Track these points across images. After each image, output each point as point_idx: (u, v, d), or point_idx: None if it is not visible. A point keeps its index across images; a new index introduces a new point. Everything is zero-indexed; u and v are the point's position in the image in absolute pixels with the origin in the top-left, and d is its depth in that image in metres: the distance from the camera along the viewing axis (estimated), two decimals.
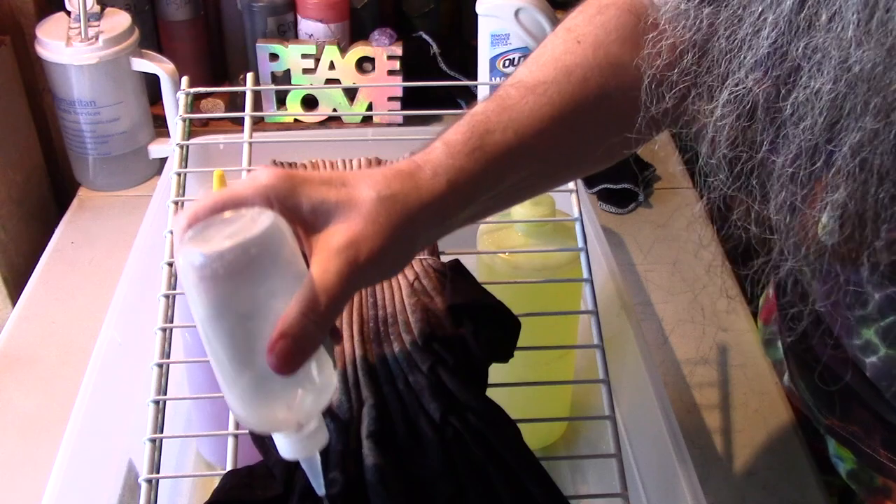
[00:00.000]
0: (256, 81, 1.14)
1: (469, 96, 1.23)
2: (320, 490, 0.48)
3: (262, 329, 0.44)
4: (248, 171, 0.70)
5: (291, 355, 0.43)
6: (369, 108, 1.21)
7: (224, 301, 0.44)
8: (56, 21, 1.09)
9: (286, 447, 0.46)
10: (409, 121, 1.20)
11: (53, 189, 1.22)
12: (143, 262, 0.77)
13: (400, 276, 0.61)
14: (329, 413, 0.54)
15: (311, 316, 0.44)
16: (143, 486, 0.55)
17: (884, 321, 0.58)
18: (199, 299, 0.44)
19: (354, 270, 0.46)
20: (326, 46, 1.18)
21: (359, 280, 0.47)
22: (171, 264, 0.65)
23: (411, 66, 1.20)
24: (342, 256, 0.46)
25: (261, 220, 0.44)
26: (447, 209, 0.50)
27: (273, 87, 1.20)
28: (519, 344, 0.59)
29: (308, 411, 0.46)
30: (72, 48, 1.05)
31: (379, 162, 0.70)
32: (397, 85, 1.22)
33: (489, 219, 0.74)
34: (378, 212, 0.47)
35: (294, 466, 0.51)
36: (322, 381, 0.46)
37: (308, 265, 0.46)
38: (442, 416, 0.53)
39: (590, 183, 1.16)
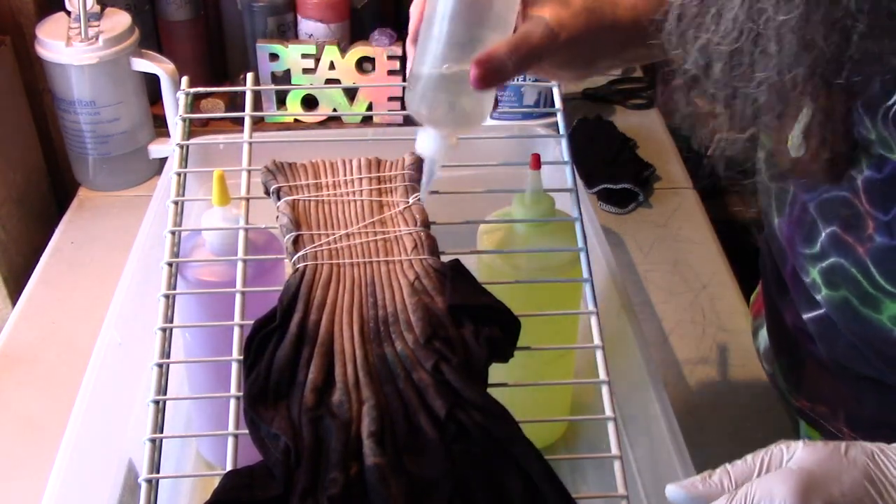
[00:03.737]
0: (256, 81, 1.14)
1: None
2: (424, 191, 0.62)
3: (470, 52, 0.56)
4: (248, 171, 0.70)
5: (488, 75, 0.56)
6: (369, 108, 1.21)
7: (459, 10, 0.56)
8: (56, 21, 1.09)
9: (427, 145, 0.59)
10: (409, 121, 1.20)
11: (53, 189, 1.22)
12: (143, 262, 0.77)
13: (400, 276, 0.61)
14: (329, 413, 0.54)
15: (514, 55, 0.57)
16: (143, 486, 0.55)
17: (825, 262, 0.61)
18: (443, 1, 0.57)
19: (552, 40, 0.59)
20: (326, 46, 1.18)
21: (551, 53, 0.59)
22: (171, 264, 0.65)
23: None
24: (548, 29, 0.59)
25: None
26: (628, 39, 0.62)
27: (273, 87, 1.21)
28: (519, 344, 0.59)
29: (461, 125, 0.59)
30: (72, 48, 1.05)
31: (379, 162, 0.70)
32: (397, 85, 1.22)
33: (489, 218, 0.74)
34: (582, 14, 0.60)
35: (294, 467, 0.51)
36: (482, 112, 0.59)
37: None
38: (447, 412, 0.53)
39: (590, 183, 1.16)
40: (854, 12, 0.46)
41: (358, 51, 1.18)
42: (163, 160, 1.12)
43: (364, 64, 1.20)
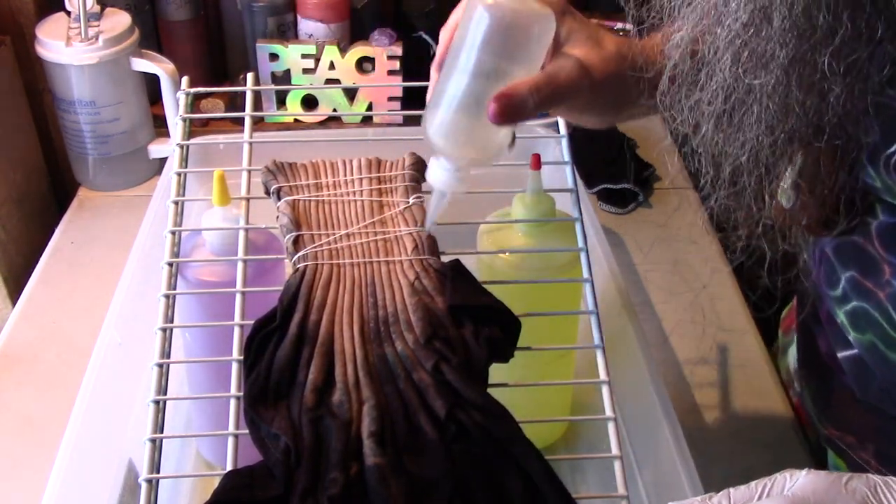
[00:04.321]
0: (256, 81, 1.14)
1: None
2: (430, 222, 0.62)
3: (495, 85, 0.56)
4: (249, 171, 0.70)
5: (508, 111, 0.55)
6: (369, 108, 1.21)
7: (489, 41, 0.55)
8: (56, 21, 1.08)
9: (438, 176, 0.58)
10: (409, 121, 1.20)
11: (53, 189, 1.22)
12: (143, 262, 0.77)
13: (400, 276, 0.61)
14: (329, 413, 0.54)
15: (535, 94, 0.56)
16: (143, 486, 0.55)
17: (848, 305, 0.59)
18: (474, 29, 0.55)
19: (579, 82, 0.59)
20: (326, 46, 1.18)
21: (574, 94, 0.59)
22: (171, 264, 0.65)
23: (411, 66, 1.20)
24: (577, 69, 0.59)
25: (545, 10, 0.57)
26: (655, 88, 0.60)
27: (273, 87, 1.21)
28: (519, 344, 0.59)
29: (476, 159, 0.58)
30: (72, 48, 1.05)
31: (379, 162, 0.70)
32: (397, 85, 1.22)
33: (489, 219, 0.74)
34: (614, 59, 0.60)
35: (294, 467, 0.51)
36: (499, 147, 0.59)
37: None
38: (448, 413, 0.53)
39: (590, 183, 1.16)
40: (829, 75, 0.46)
41: (358, 51, 1.18)
42: (163, 160, 1.12)
43: (364, 64, 1.20)
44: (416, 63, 1.22)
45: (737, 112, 0.52)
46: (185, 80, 0.76)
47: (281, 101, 1.23)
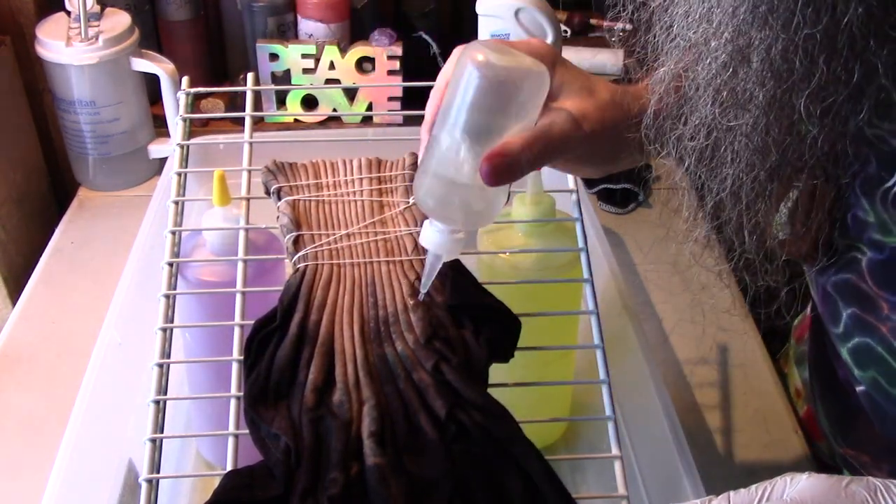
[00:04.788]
0: (256, 81, 1.14)
1: None
2: (425, 287, 0.58)
3: (486, 145, 0.54)
4: (249, 171, 0.70)
5: (500, 171, 0.53)
6: (369, 108, 1.21)
7: (479, 101, 0.53)
8: (56, 21, 1.08)
9: (432, 239, 0.56)
10: (409, 121, 1.20)
11: (53, 189, 1.22)
12: (143, 262, 0.77)
13: (401, 276, 0.61)
14: (329, 413, 0.54)
15: (528, 152, 0.54)
16: (143, 486, 0.55)
17: (850, 342, 0.59)
18: (464, 89, 0.53)
19: (573, 135, 0.57)
20: (326, 46, 1.18)
21: (570, 147, 0.58)
22: (171, 264, 0.65)
23: (411, 66, 1.20)
24: (570, 122, 0.57)
25: (538, 65, 0.55)
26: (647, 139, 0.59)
27: (273, 87, 1.20)
28: (519, 344, 0.59)
29: (471, 221, 0.56)
30: (72, 48, 1.05)
31: (379, 162, 0.70)
32: (397, 85, 1.22)
33: None
34: (609, 107, 0.59)
35: (294, 467, 0.51)
36: (496, 207, 0.56)
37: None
38: (448, 413, 0.53)
39: (590, 183, 1.16)
40: (806, 117, 0.46)
41: (358, 51, 1.18)
42: (163, 160, 1.12)
43: (364, 64, 1.20)
44: (416, 63, 1.22)
45: (717, 149, 0.51)
46: (185, 80, 0.76)
47: (281, 101, 1.23)
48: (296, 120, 1.23)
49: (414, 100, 1.19)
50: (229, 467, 0.55)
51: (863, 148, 0.50)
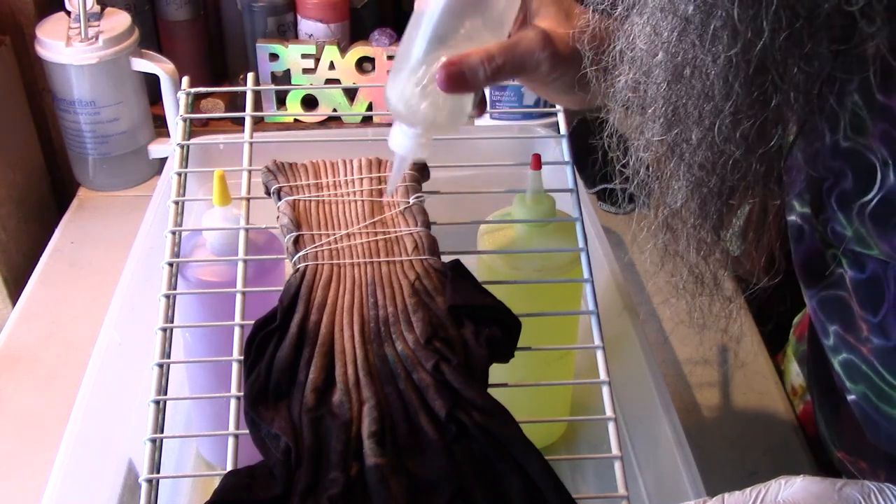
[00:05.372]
0: (256, 81, 1.14)
1: None
2: (388, 192, 0.61)
3: (451, 51, 0.54)
4: (249, 171, 0.70)
5: (456, 79, 0.53)
6: (369, 108, 1.21)
7: (450, 6, 0.54)
8: (56, 21, 1.08)
9: (399, 141, 0.57)
10: None
11: (53, 189, 1.22)
12: (143, 262, 0.77)
13: (401, 276, 0.61)
14: (329, 413, 0.54)
15: (487, 65, 0.54)
16: (143, 486, 0.55)
17: (839, 356, 0.59)
18: None
19: (540, 53, 0.57)
20: (326, 46, 1.18)
21: (532, 67, 0.57)
22: (171, 264, 0.65)
23: None
24: (539, 39, 0.57)
25: None
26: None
27: (273, 87, 1.20)
28: (519, 344, 0.59)
29: (435, 126, 0.57)
30: (72, 48, 1.05)
31: (379, 162, 0.70)
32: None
33: (489, 219, 0.74)
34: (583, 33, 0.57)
35: (294, 467, 0.51)
36: (459, 116, 0.57)
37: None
38: (448, 413, 0.53)
39: (590, 183, 1.16)
40: (725, 138, 0.47)
41: (358, 51, 1.18)
42: (163, 160, 1.12)
43: (364, 64, 1.20)
44: None
45: (666, 163, 0.52)
46: (185, 80, 0.76)
47: (281, 101, 1.23)
48: (296, 120, 1.23)
49: None
50: (229, 467, 0.55)
51: (836, 161, 0.50)
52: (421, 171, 0.69)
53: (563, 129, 0.75)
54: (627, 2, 0.51)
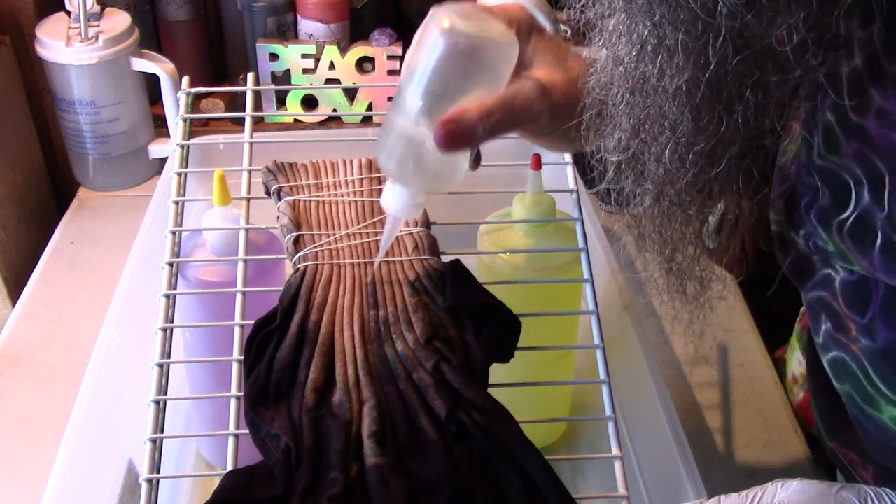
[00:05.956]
0: (256, 81, 1.14)
1: None
2: (381, 253, 0.58)
3: (446, 110, 0.52)
4: (249, 171, 0.70)
5: (454, 138, 0.52)
6: (369, 108, 1.21)
7: (442, 68, 0.52)
8: (56, 21, 1.08)
9: (392, 201, 0.55)
10: None
11: (53, 189, 1.22)
12: (143, 262, 0.77)
13: (401, 276, 0.61)
14: (329, 413, 0.54)
15: (485, 121, 0.52)
16: (143, 486, 0.55)
17: (829, 355, 0.59)
18: (428, 54, 0.52)
19: (538, 106, 0.55)
20: (326, 46, 1.18)
21: (532, 119, 0.56)
22: (171, 264, 0.65)
23: None
24: (536, 91, 0.55)
25: (507, 35, 0.53)
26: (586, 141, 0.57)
27: (273, 87, 1.20)
28: (519, 344, 0.60)
29: (429, 186, 0.55)
30: (72, 48, 1.05)
31: None
32: (397, 85, 1.21)
33: (489, 219, 0.74)
34: (579, 81, 0.55)
35: (294, 467, 0.51)
36: (454, 174, 0.55)
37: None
38: (448, 413, 0.53)
39: (590, 183, 1.16)
40: (677, 159, 0.47)
41: (358, 51, 1.18)
42: (163, 160, 1.12)
43: (364, 64, 1.20)
44: None
45: (629, 170, 0.51)
46: (185, 80, 0.76)
47: (281, 101, 1.23)
48: (296, 120, 1.23)
49: None
50: (229, 467, 0.55)
51: (811, 178, 0.50)
52: None
53: None
54: (599, 9, 0.50)
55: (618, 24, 0.47)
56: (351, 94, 1.21)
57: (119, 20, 1.08)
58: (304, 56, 1.18)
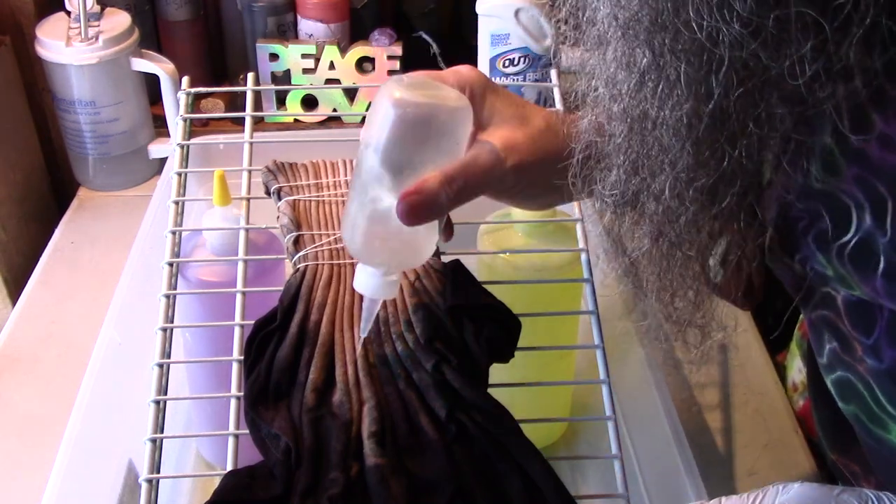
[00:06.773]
0: (256, 81, 1.14)
1: None
2: (363, 333, 0.55)
3: (406, 182, 0.51)
4: (249, 171, 0.70)
5: (417, 210, 0.50)
6: (369, 108, 1.21)
7: (395, 140, 0.50)
8: (56, 21, 1.08)
9: (365, 282, 0.53)
10: None
11: (53, 189, 1.22)
12: (143, 262, 0.77)
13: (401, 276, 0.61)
14: (329, 413, 0.54)
15: (447, 188, 0.51)
16: (143, 486, 0.55)
17: (833, 375, 0.59)
18: (380, 126, 0.51)
19: (497, 169, 0.54)
20: (326, 46, 1.18)
21: (496, 181, 0.54)
22: (171, 264, 0.65)
23: (411, 66, 1.20)
24: (493, 155, 0.54)
25: (459, 99, 0.52)
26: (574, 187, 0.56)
27: (273, 87, 1.20)
28: (519, 344, 0.60)
29: (400, 263, 0.54)
30: (72, 48, 1.05)
31: None
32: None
33: (489, 219, 0.74)
34: (542, 136, 0.55)
35: (294, 467, 0.51)
36: (424, 248, 0.53)
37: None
38: (448, 413, 0.53)
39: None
40: (677, 195, 0.46)
41: (358, 51, 1.18)
42: (163, 160, 1.12)
43: (364, 64, 1.20)
44: (416, 63, 1.22)
45: (627, 211, 0.51)
46: (185, 80, 0.76)
47: (281, 101, 1.23)
48: (296, 120, 1.23)
49: None
50: (229, 467, 0.55)
51: (809, 202, 0.50)
52: None
53: None
54: (591, 40, 0.49)
55: (616, 53, 0.46)
56: (351, 94, 1.21)
57: (119, 20, 1.08)
58: (304, 56, 1.18)
